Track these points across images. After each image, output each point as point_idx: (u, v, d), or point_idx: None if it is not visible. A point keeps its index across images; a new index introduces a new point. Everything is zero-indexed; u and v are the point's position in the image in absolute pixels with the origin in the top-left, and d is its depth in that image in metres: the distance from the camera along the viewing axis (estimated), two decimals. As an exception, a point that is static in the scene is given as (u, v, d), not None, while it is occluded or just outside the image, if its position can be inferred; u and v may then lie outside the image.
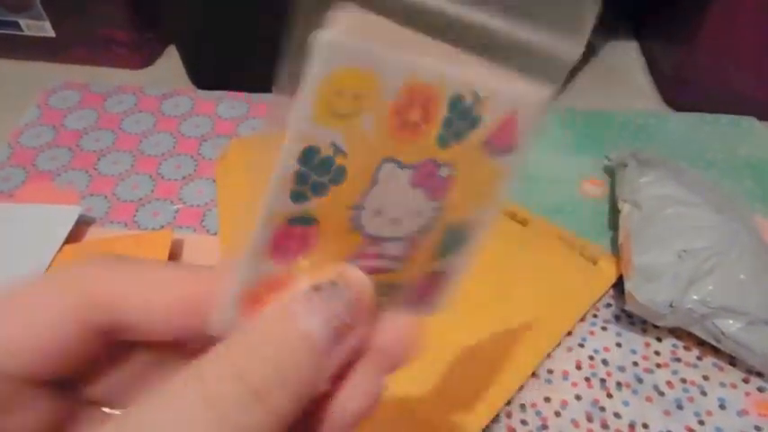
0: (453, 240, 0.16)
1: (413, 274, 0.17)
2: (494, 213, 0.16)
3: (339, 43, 0.12)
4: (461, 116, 0.14)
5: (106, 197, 0.46)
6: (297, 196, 0.14)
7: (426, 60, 0.13)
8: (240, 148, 0.49)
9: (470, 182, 0.15)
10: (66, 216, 0.43)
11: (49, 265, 0.40)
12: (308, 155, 0.13)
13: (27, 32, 0.57)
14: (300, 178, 0.14)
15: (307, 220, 0.14)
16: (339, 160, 0.14)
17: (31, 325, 0.14)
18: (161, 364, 0.16)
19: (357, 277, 0.15)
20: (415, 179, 0.15)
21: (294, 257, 0.15)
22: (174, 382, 0.13)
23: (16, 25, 0.56)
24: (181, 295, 0.15)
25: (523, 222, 0.43)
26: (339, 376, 0.15)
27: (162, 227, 0.44)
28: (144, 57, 0.60)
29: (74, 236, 0.42)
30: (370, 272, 0.15)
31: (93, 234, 0.44)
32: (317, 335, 0.14)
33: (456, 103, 0.14)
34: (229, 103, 0.54)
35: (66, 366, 0.14)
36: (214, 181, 0.47)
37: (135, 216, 0.45)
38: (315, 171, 0.14)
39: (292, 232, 0.14)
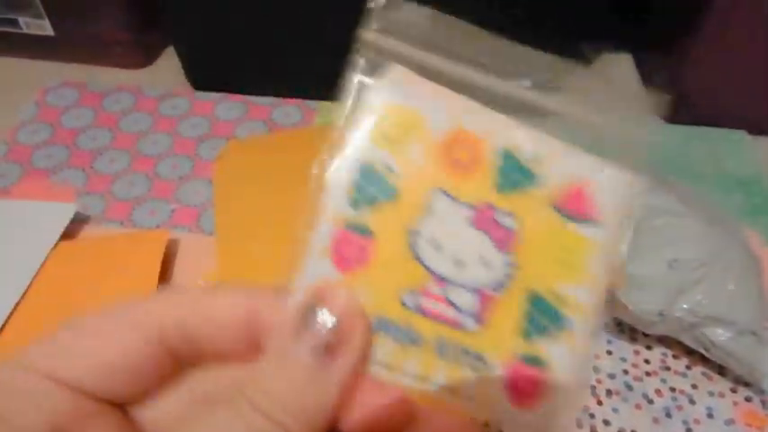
0: (542, 314, 0.16)
1: (496, 350, 0.16)
2: (592, 297, 0.16)
3: (392, 86, 0.16)
4: (516, 169, 0.16)
5: (102, 195, 0.46)
6: (355, 202, 0.16)
7: (469, 110, 0.16)
8: (237, 150, 0.49)
9: (545, 243, 0.16)
10: (62, 213, 0.43)
11: (44, 263, 0.40)
12: (364, 168, 0.16)
13: (26, 30, 0.57)
14: (358, 187, 0.16)
15: (363, 230, 0.16)
16: (391, 179, 0.16)
17: (107, 345, 0.15)
18: (205, 398, 0.17)
19: (336, 294, 0.15)
20: (476, 220, 0.16)
21: (352, 267, 0.16)
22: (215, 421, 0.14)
23: (15, 23, 0.56)
24: (241, 313, 0.16)
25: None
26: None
27: (158, 226, 0.44)
28: (142, 57, 0.60)
29: (69, 233, 0.42)
30: (437, 318, 0.16)
31: (88, 232, 0.44)
32: (307, 361, 0.14)
33: (508, 155, 0.16)
34: (227, 105, 0.54)
35: (135, 385, 0.15)
36: (211, 181, 0.47)
37: (131, 215, 0.45)
38: (369, 183, 0.16)
39: (350, 239, 0.16)
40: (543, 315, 0.16)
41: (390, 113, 0.16)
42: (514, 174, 0.16)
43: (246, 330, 0.16)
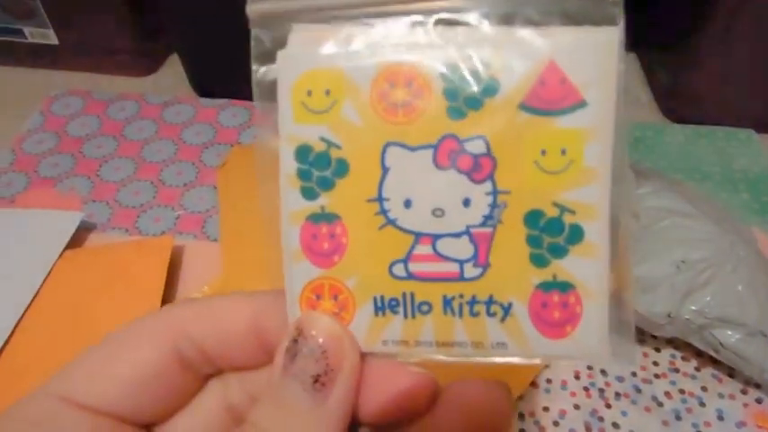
0: (548, 233, 0.14)
1: (509, 288, 0.14)
2: (602, 190, 0.14)
3: (296, 54, 0.14)
4: (464, 84, 0.14)
5: (108, 203, 0.46)
6: (306, 192, 0.14)
7: (391, 42, 0.14)
8: (241, 156, 0.49)
9: (526, 152, 0.14)
10: (68, 222, 0.43)
11: (50, 271, 0.40)
12: (301, 152, 0.14)
13: (31, 40, 0.57)
14: (303, 175, 0.14)
15: (328, 217, 0.15)
16: (335, 153, 0.14)
17: (126, 367, 0.15)
18: (228, 411, 0.17)
19: (315, 324, 0.15)
20: (439, 159, 0.14)
21: (331, 259, 0.15)
22: None
23: (20, 33, 0.57)
24: (246, 319, 0.16)
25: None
26: None
27: (163, 233, 0.44)
28: (146, 65, 0.61)
29: (75, 241, 0.42)
30: (434, 278, 0.14)
31: (94, 240, 0.44)
32: (302, 397, 0.14)
33: (453, 74, 0.14)
34: (231, 111, 0.54)
35: (157, 404, 0.15)
36: (215, 188, 0.47)
37: (136, 222, 0.45)
38: (314, 166, 0.14)
39: (318, 231, 0.15)
40: (550, 233, 0.14)
41: (305, 83, 0.14)
42: (464, 89, 0.14)
43: (253, 335, 0.16)
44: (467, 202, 0.14)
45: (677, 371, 0.37)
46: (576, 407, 0.35)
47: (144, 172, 0.49)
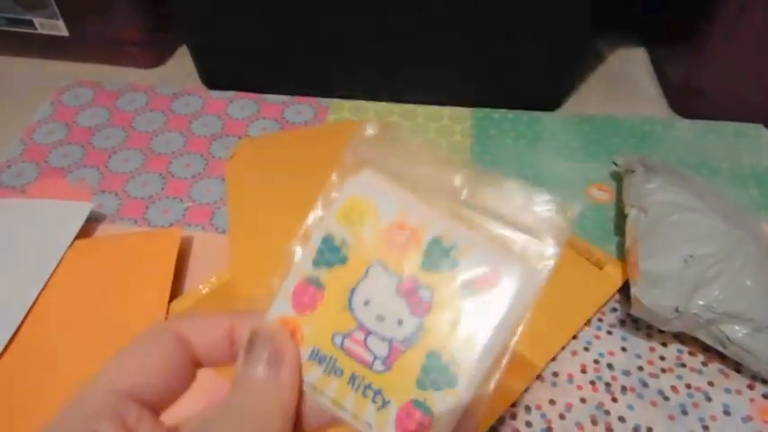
0: (435, 370, 0.19)
1: (395, 392, 0.19)
2: (480, 363, 0.19)
3: (356, 183, 0.21)
4: (439, 253, 0.20)
5: (117, 194, 0.47)
6: (315, 262, 0.21)
7: (412, 206, 0.20)
8: (250, 148, 0.49)
9: (448, 313, 0.19)
10: (78, 212, 0.43)
11: (60, 261, 0.40)
12: (327, 240, 0.21)
13: (41, 31, 0.58)
14: (320, 252, 0.21)
15: (318, 283, 0.21)
16: (344, 249, 0.21)
17: (152, 358, 0.20)
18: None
19: (264, 326, 0.20)
20: (401, 289, 0.20)
21: (304, 310, 0.21)
22: None
23: (30, 23, 0.57)
24: (224, 330, 0.21)
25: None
26: None
27: (171, 224, 0.45)
28: (156, 56, 0.61)
29: (85, 232, 0.43)
30: (355, 357, 0.20)
31: (103, 230, 0.44)
32: (264, 373, 0.19)
33: (435, 242, 0.20)
34: (240, 103, 0.54)
35: (167, 388, 0.20)
36: (223, 180, 0.48)
37: (145, 213, 0.45)
38: (329, 251, 0.21)
39: (307, 289, 0.21)
40: (436, 371, 0.19)
41: (354, 204, 0.21)
42: (437, 257, 0.20)
43: (228, 341, 0.21)
44: (400, 323, 0.20)
45: (684, 365, 0.37)
46: (583, 400, 0.35)
47: (153, 163, 0.49)
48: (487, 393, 0.19)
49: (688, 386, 0.36)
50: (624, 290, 0.39)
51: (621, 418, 0.34)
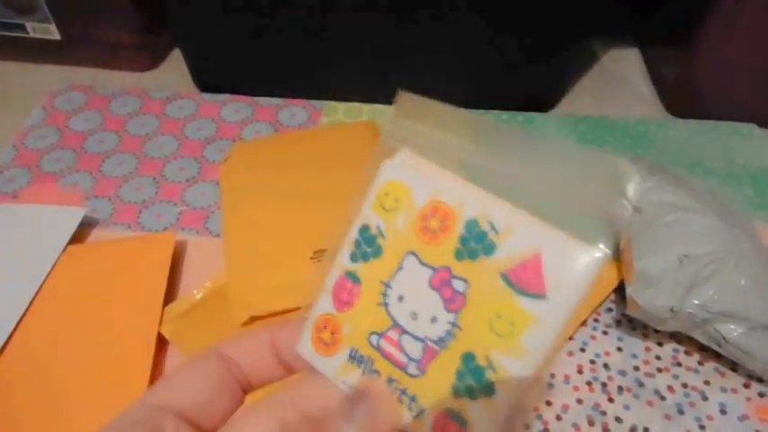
0: (471, 376, 0.17)
1: (429, 398, 0.17)
2: (522, 371, 0.16)
3: (392, 165, 0.19)
4: (475, 239, 0.17)
5: (110, 199, 0.46)
6: (353, 256, 0.19)
7: (448, 185, 0.18)
8: (244, 151, 0.49)
9: (487, 310, 0.17)
10: (71, 217, 0.43)
11: (54, 266, 0.40)
12: (363, 229, 0.19)
13: (33, 35, 0.57)
14: (357, 245, 0.19)
15: (355, 278, 0.19)
16: (380, 240, 0.19)
17: (198, 378, 0.20)
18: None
19: (376, 389, 0.18)
20: (434, 281, 0.18)
21: (343, 307, 0.19)
22: None
23: (22, 27, 0.57)
24: (270, 348, 0.21)
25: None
26: None
27: (165, 228, 0.44)
28: (149, 60, 0.61)
29: (78, 237, 0.42)
30: (390, 358, 0.18)
31: (96, 235, 0.44)
32: None
33: (471, 226, 0.17)
34: (233, 107, 0.54)
35: (215, 410, 0.20)
36: (218, 183, 0.47)
37: (139, 218, 0.45)
38: (365, 242, 0.19)
39: (345, 284, 0.19)
40: (473, 377, 0.17)
41: (390, 188, 0.19)
42: (473, 242, 0.17)
43: (275, 359, 0.21)
44: (434, 320, 0.18)
45: (680, 365, 0.37)
46: (579, 401, 0.35)
47: (146, 167, 0.49)
48: (528, 405, 0.16)
49: (684, 385, 0.36)
50: (620, 290, 0.39)
51: (618, 419, 0.34)
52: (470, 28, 0.49)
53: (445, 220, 0.18)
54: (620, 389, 0.35)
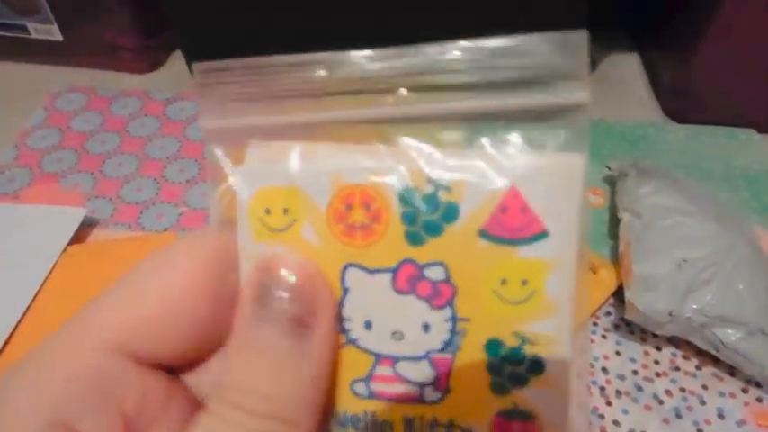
0: (508, 362, 0.14)
1: (471, 414, 0.14)
2: (562, 323, 0.13)
3: (252, 171, 0.14)
4: (426, 208, 0.13)
5: (111, 199, 0.47)
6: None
7: (345, 160, 0.13)
8: (243, 152, 0.49)
9: (484, 281, 0.13)
10: (72, 218, 0.43)
11: (54, 267, 0.40)
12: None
13: (35, 36, 0.58)
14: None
15: None
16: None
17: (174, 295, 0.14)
18: None
19: (292, 260, 0.13)
20: (398, 284, 0.14)
21: None
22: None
23: (24, 29, 0.57)
24: None
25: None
26: None
27: (166, 229, 0.45)
28: (150, 61, 0.61)
29: (78, 237, 0.42)
30: (396, 399, 0.14)
31: (97, 235, 0.44)
32: (281, 346, 0.13)
33: (408, 196, 0.13)
34: (234, 109, 0.54)
35: (183, 335, 0.14)
36: (218, 185, 0.47)
37: (139, 218, 0.45)
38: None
39: None
40: (510, 362, 0.14)
41: (263, 200, 0.14)
42: (425, 215, 0.13)
43: None
44: (426, 328, 0.14)
45: (678, 369, 0.37)
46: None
47: (147, 168, 0.49)
48: (586, 363, 0.13)
49: (682, 390, 0.36)
50: (618, 294, 0.40)
51: (616, 422, 0.34)
52: (467, 30, 0.50)
53: (369, 205, 0.13)
54: (619, 393, 0.36)
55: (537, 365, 0.13)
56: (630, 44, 0.65)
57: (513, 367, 0.14)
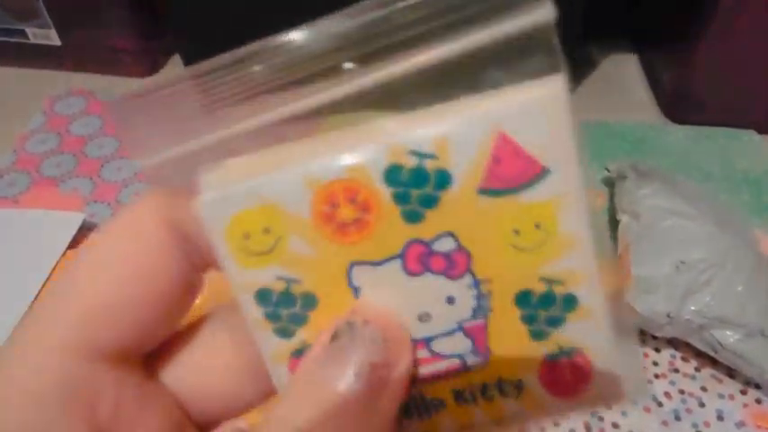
0: (541, 308, 0.13)
1: (516, 367, 0.14)
2: (584, 254, 0.13)
3: (215, 199, 0.13)
4: (415, 183, 0.12)
5: (109, 204, 0.47)
6: (281, 332, 0.14)
7: (313, 158, 0.13)
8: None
9: (496, 238, 0.13)
10: (70, 222, 0.43)
11: (52, 271, 0.40)
12: (262, 296, 0.13)
13: (33, 40, 0.58)
14: (272, 317, 0.13)
15: (306, 349, 0.14)
16: (297, 288, 0.13)
17: (136, 276, 0.12)
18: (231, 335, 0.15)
19: (374, 308, 0.13)
20: (410, 266, 0.13)
21: None
22: None
23: (23, 33, 0.57)
24: None
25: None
26: None
27: (164, 233, 0.45)
28: (148, 65, 0.61)
29: (77, 242, 0.42)
30: (440, 376, 0.14)
31: (96, 240, 0.44)
32: (353, 389, 0.12)
33: (393, 174, 0.12)
34: (233, 112, 0.54)
35: (168, 317, 0.13)
36: (217, 188, 0.48)
37: (138, 222, 0.45)
38: (281, 306, 0.13)
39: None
40: (544, 307, 0.13)
41: (238, 227, 0.13)
42: (414, 190, 0.12)
43: None
44: (451, 300, 0.13)
45: (677, 371, 0.37)
46: (576, 407, 0.35)
47: (146, 172, 0.49)
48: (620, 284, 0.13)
49: (681, 392, 0.36)
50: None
51: (615, 425, 0.34)
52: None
53: (354, 197, 0.12)
54: (618, 395, 0.35)
55: (570, 302, 0.13)
56: (630, 45, 0.64)
57: (547, 312, 0.13)
